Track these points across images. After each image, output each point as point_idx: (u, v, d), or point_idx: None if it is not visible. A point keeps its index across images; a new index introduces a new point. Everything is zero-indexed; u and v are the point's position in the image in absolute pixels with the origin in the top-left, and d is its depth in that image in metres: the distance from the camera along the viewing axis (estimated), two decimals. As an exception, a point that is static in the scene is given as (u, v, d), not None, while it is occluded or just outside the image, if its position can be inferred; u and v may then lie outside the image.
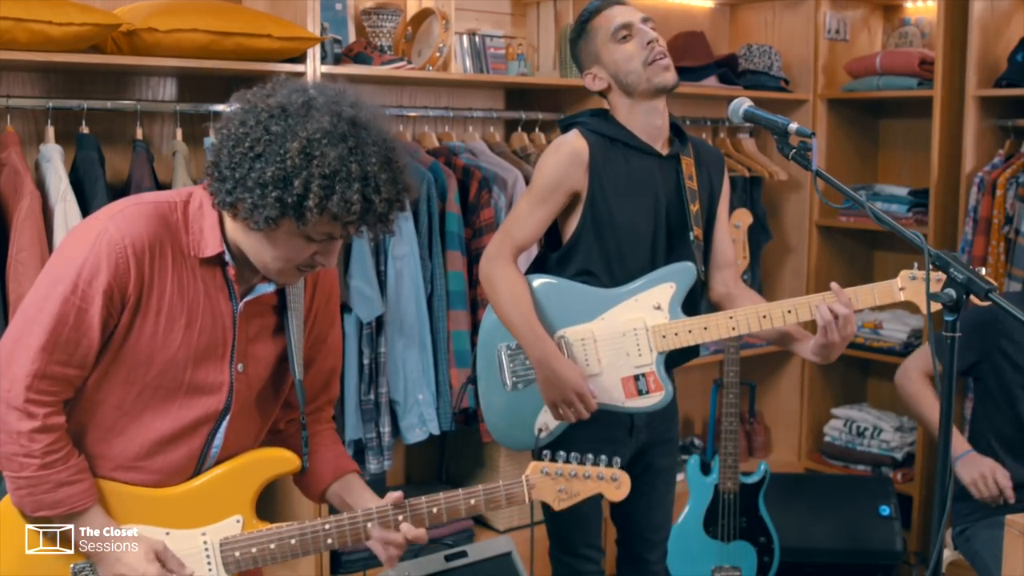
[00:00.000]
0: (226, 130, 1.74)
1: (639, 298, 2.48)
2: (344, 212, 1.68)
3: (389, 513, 1.92)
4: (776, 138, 2.15)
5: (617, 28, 2.50)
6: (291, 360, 1.95)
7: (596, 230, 2.51)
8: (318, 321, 2.02)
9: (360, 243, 3.19)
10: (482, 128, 3.89)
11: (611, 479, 1.99)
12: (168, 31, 2.80)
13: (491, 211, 3.43)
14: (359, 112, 1.72)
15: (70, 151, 2.92)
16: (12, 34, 2.61)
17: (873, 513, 3.90)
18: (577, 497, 1.99)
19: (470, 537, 3.58)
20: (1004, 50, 3.98)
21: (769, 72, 4.42)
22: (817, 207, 4.57)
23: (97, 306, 1.72)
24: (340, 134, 1.68)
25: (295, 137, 1.66)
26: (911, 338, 4.34)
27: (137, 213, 1.77)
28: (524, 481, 1.97)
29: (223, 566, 1.89)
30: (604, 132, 2.53)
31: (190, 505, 1.88)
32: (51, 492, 1.76)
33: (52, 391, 1.75)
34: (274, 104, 1.71)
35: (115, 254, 1.72)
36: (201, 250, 1.80)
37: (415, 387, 3.32)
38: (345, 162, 1.67)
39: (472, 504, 1.95)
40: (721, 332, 2.45)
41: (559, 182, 2.49)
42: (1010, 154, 3.97)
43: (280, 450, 1.98)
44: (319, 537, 1.91)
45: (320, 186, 1.66)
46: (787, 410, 4.75)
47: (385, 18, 3.48)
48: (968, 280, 1.82)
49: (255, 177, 1.68)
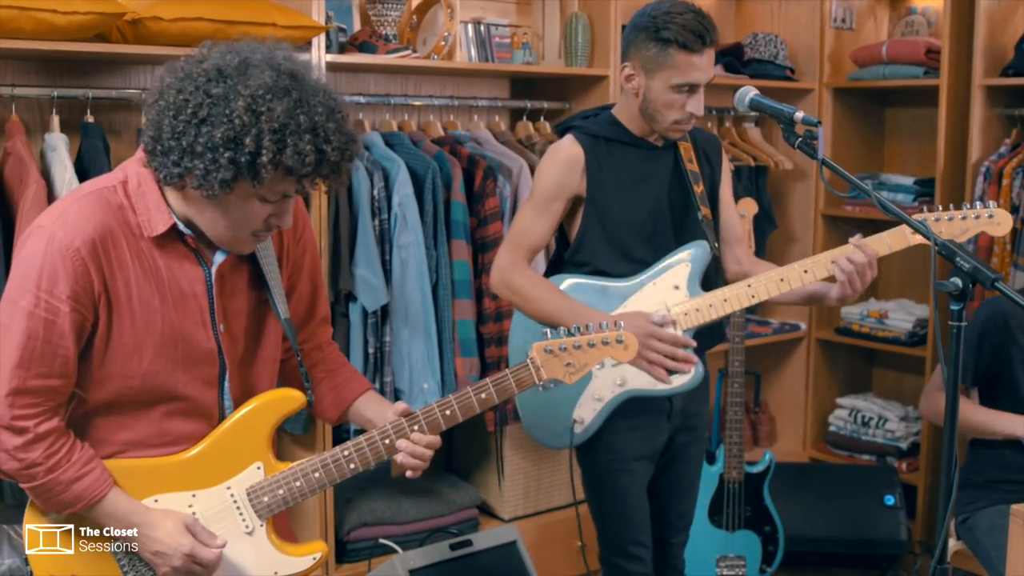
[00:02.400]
0: (163, 101, 1.70)
1: (657, 282, 2.49)
2: (299, 164, 1.66)
3: (404, 425, 1.91)
4: (782, 127, 2.15)
5: (683, 84, 2.39)
6: (272, 303, 1.93)
7: (601, 227, 2.52)
8: (291, 252, 2.00)
9: (365, 232, 3.19)
10: (487, 117, 3.89)
11: (616, 341, 1.92)
12: (173, 20, 2.80)
13: (496, 200, 3.43)
14: (296, 65, 1.71)
15: (75, 140, 2.93)
16: (17, 23, 2.61)
17: (878, 503, 3.90)
18: (586, 367, 1.92)
19: (475, 526, 3.59)
20: (1011, 39, 3.97)
21: (775, 61, 4.41)
22: (823, 196, 4.56)
23: (65, 314, 1.71)
24: (283, 87, 1.66)
25: (238, 96, 1.64)
26: (916, 328, 4.33)
27: (79, 210, 1.74)
28: (530, 363, 1.92)
29: (255, 514, 1.89)
30: (598, 133, 2.54)
31: (209, 463, 1.88)
32: (66, 491, 1.76)
33: (37, 403, 1.74)
34: (210, 67, 1.68)
35: (69, 258, 1.70)
36: (152, 228, 1.77)
37: (420, 376, 3.32)
38: (292, 115, 1.65)
39: (483, 398, 1.91)
40: (742, 301, 2.45)
41: (559, 189, 2.51)
42: (1016, 143, 3.96)
43: (285, 390, 1.96)
44: (341, 464, 1.90)
45: (272, 140, 1.64)
46: (792, 399, 4.75)
47: (390, 7, 3.47)
48: (974, 269, 1.81)
49: (203, 142, 1.65)
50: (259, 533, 1.91)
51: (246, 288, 1.92)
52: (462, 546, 3.16)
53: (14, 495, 2.70)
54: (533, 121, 3.86)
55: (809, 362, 4.66)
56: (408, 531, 3.45)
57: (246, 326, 1.92)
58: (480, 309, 3.46)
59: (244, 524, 1.89)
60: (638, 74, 2.44)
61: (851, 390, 4.76)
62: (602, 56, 3.77)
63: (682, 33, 2.34)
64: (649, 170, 2.54)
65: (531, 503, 3.75)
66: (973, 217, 2.41)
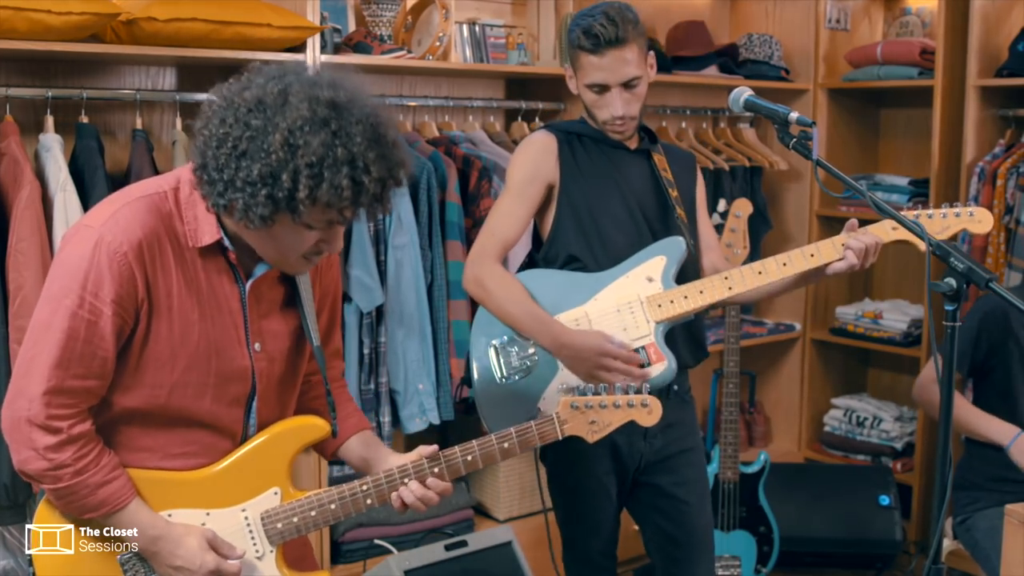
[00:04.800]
0: (207, 131, 1.69)
1: (630, 274, 2.46)
2: (336, 199, 1.64)
3: (425, 466, 1.90)
4: (776, 127, 2.14)
5: (591, 84, 2.45)
6: (306, 328, 1.92)
7: (574, 215, 2.50)
8: (325, 275, 2.00)
9: (360, 233, 3.19)
10: (482, 118, 3.89)
11: (641, 405, 1.93)
12: (167, 20, 2.80)
13: (491, 201, 3.43)
14: (338, 93, 1.67)
15: (70, 141, 2.92)
16: (11, 23, 2.61)
17: (873, 503, 3.91)
18: (610, 427, 1.93)
19: (470, 527, 3.59)
20: (1005, 39, 3.98)
21: (770, 61, 4.41)
22: (818, 197, 4.57)
23: (107, 317, 1.70)
24: (321, 119, 1.63)
25: (276, 129, 1.62)
26: (911, 328, 4.34)
27: (129, 214, 1.73)
28: (555, 417, 1.92)
29: (267, 539, 1.88)
30: (571, 129, 2.56)
31: (227, 483, 1.87)
32: (92, 495, 1.75)
33: (72, 403, 1.73)
34: (251, 97, 1.66)
35: (116, 262, 1.69)
36: (198, 239, 1.77)
37: (415, 377, 3.32)
38: (330, 148, 1.62)
39: (506, 448, 1.92)
40: (717, 293, 2.41)
41: (533, 175, 2.50)
42: (1011, 144, 3.97)
43: (310, 417, 1.95)
44: (359, 499, 1.89)
45: (308, 176, 1.61)
46: (787, 400, 4.75)
47: (385, 7, 3.47)
48: (968, 269, 1.81)
49: (243, 176, 1.63)
50: (268, 559, 1.89)
51: (281, 310, 1.91)
52: (457, 547, 3.16)
53: (8, 496, 2.69)
54: (528, 122, 3.86)
55: (804, 362, 4.67)
56: (403, 532, 3.45)
57: (282, 348, 1.91)
58: (475, 309, 3.46)
59: (255, 548, 1.88)
60: (571, 76, 2.52)
61: (846, 390, 4.77)
62: (597, 57, 3.76)
63: (581, 36, 2.42)
64: (623, 167, 2.54)
65: (526, 504, 3.74)
66: (954, 215, 2.41)
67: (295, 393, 2.00)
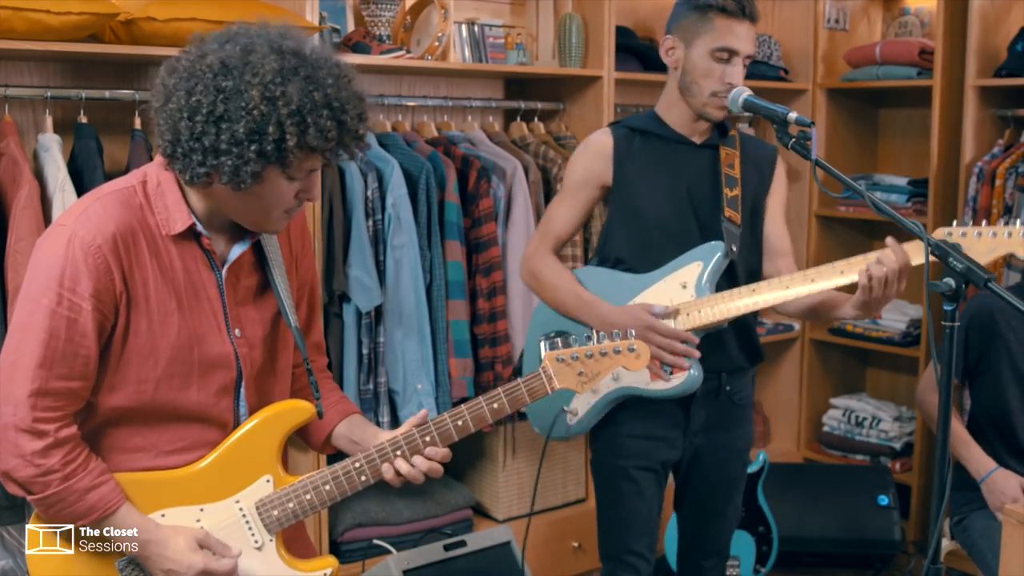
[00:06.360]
0: (172, 104, 1.69)
1: (667, 279, 2.46)
2: (323, 142, 1.67)
3: (416, 435, 1.89)
4: (775, 127, 2.15)
5: (723, 48, 2.39)
6: (283, 310, 1.92)
7: (623, 218, 2.52)
8: (300, 265, 2.00)
9: (360, 233, 3.19)
10: (481, 118, 3.89)
11: (628, 350, 1.92)
12: (166, 20, 2.80)
13: (490, 200, 3.43)
14: (296, 43, 1.72)
15: (68, 140, 2.92)
16: (10, 23, 2.61)
17: (871, 503, 3.90)
18: (599, 376, 1.92)
19: (469, 527, 3.59)
20: (1004, 39, 3.98)
21: (768, 61, 4.42)
22: (816, 197, 4.57)
23: (87, 312, 1.70)
24: (291, 68, 1.66)
25: (250, 86, 1.64)
26: (910, 328, 4.34)
27: (100, 209, 1.73)
28: (542, 372, 1.91)
29: (264, 528, 1.87)
30: (634, 126, 2.55)
31: (217, 476, 1.86)
32: (80, 500, 1.74)
33: (58, 406, 1.72)
34: (213, 62, 1.67)
35: (91, 256, 1.69)
36: (171, 227, 1.77)
37: (414, 377, 3.32)
38: (307, 93, 1.65)
39: (495, 408, 1.90)
40: (747, 305, 2.37)
41: (586, 177, 2.55)
42: (1009, 144, 3.97)
43: (293, 401, 1.95)
44: (352, 476, 1.88)
45: (293, 123, 1.64)
46: (786, 400, 4.75)
47: (384, 7, 3.47)
48: (967, 269, 1.82)
49: (226, 139, 1.65)
50: (268, 548, 1.88)
51: (257, 296, 1.91)
52: (456, 547, 3.16)
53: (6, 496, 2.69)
54: (527, 122, 3.86)
55: (803, 362, 4.67)
56: (402, 532, 3.45)
57: (262, 334, 1.91)
58: (474, 310, 3.46)
59: (253, 539, 1.87)
60: (677, 46, 2.46)
61: (845, 390, 4.77)
62: (596, 57, 3.77)
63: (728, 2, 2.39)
64: (681, 165, 2.51)
65: (525, 504, 3.75)
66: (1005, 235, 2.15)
67: (283, 382, 1.99)
